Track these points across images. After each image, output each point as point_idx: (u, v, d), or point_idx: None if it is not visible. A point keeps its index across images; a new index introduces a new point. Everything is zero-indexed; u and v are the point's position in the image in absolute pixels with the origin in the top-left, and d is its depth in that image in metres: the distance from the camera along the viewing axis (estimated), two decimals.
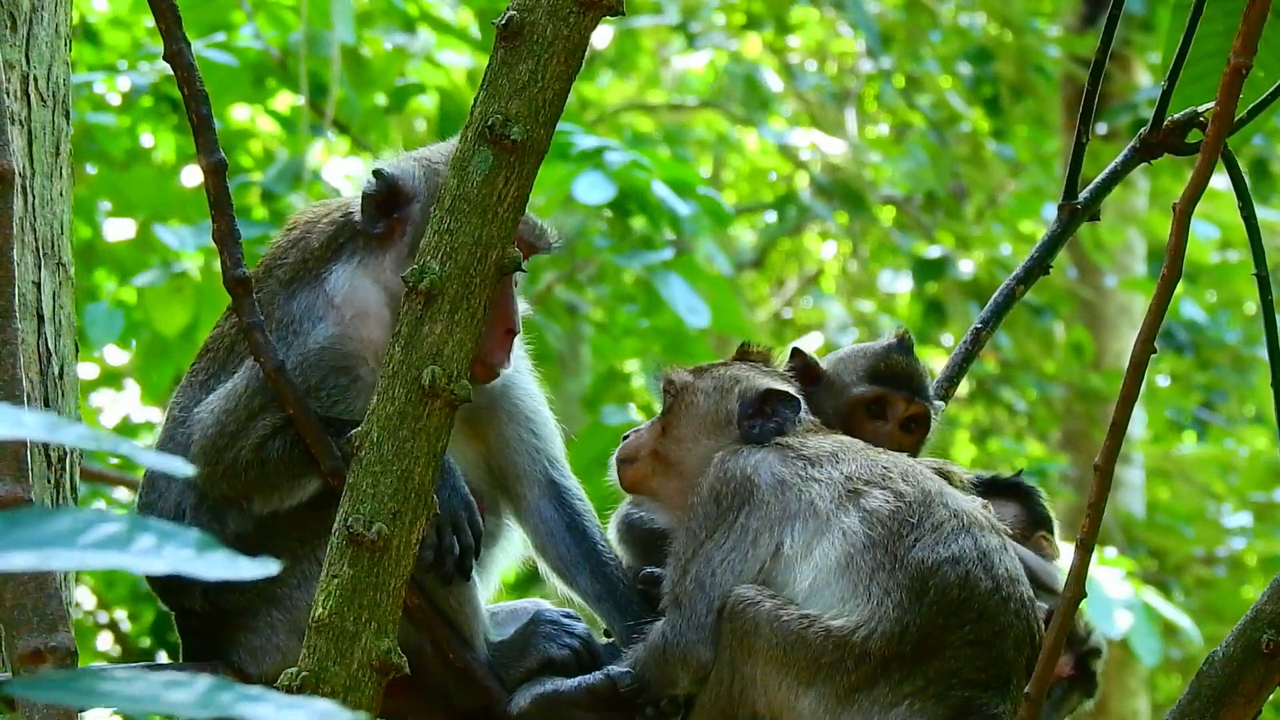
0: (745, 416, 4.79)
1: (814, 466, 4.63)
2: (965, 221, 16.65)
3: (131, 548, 2.43)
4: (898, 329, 5.17)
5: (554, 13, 4.31)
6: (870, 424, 5.01)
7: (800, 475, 4.62)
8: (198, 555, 2.43)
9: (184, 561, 2.41)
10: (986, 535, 4.56)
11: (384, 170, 4.82)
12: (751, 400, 4.81)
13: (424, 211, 4.71)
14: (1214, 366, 18.30)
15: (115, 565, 2.42)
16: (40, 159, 5.28)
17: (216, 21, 11.08)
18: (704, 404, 4.87)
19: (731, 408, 4.83)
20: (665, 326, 11.45)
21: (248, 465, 4.70)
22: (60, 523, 2.46)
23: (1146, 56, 16.62)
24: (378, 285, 4.78)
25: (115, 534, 2.44)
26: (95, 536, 2.44)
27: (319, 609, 4.32)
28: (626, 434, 4.98)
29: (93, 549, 2.43)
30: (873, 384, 5.02)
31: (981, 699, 4.46)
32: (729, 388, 4.87)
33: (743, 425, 4.78)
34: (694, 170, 11.96)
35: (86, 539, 2.44)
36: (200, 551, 2.43)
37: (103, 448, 2.52)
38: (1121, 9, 5.05)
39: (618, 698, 4.66)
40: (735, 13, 16.62)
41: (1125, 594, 11.64)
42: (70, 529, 2.45)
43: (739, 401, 4.82)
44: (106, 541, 2.43)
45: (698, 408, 4.87)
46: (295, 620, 4.68)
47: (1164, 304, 4.14)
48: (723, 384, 4.88)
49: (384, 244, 4.81)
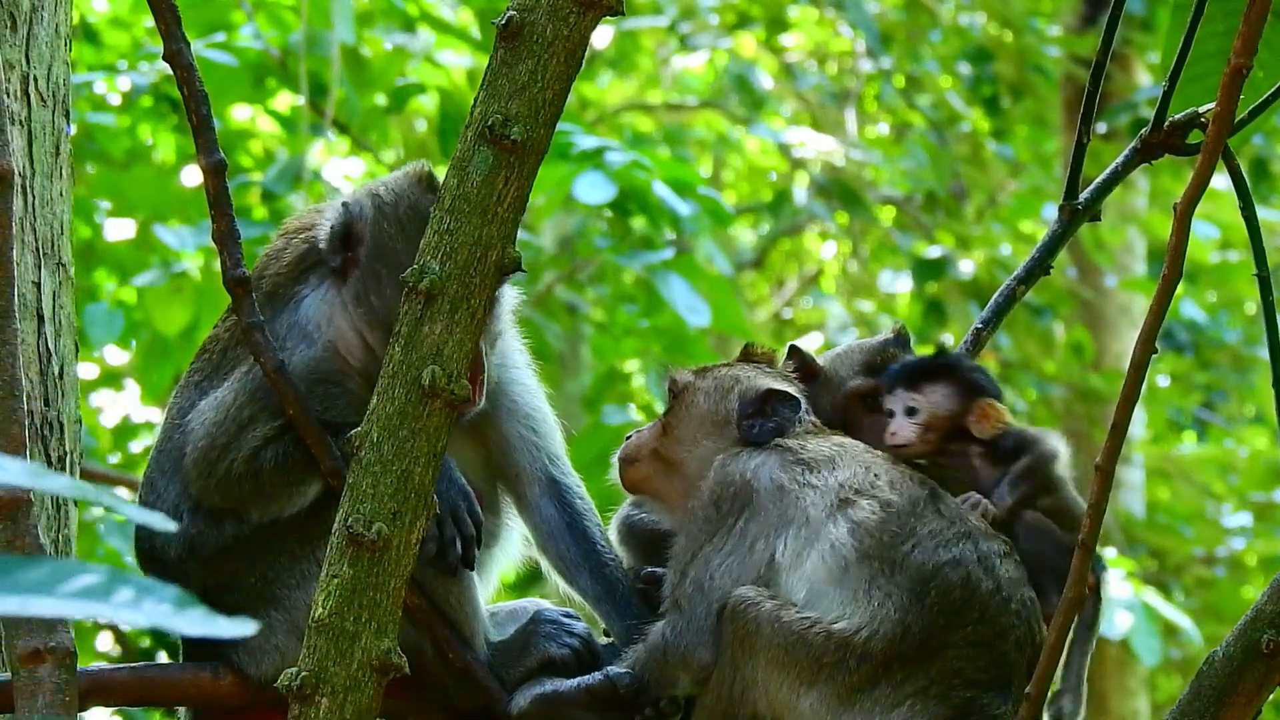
0: (744, 416, 4.79)
1: (812, 472, 4.63)
2: (965, 221, 16.64)
3: (111, 600, 2.45)
4: (895, 325, 5.18)
5: (554, 13, 4.31)
6: (868, 417, 5.01)
7: (798, 481, 4.62)
8: (176, 611, 2.46)
9: (162, 616, 2.44)
10: (987, 540, 4.56)
11: (349, 204, 4.81)
12: (751, 400, 4.80)
13: (369, 258, 4.73)
14: (1214, 366, 18.30)
15: (94, 616, 2.45)
16: (40, 159, 5.28)
17: (216, 21, 11.08)
18: (704, 404, 4.87)
19: (731, 407, 4.83)
20: (665, 326, 11.44)
21: (241, 477, 4.70)
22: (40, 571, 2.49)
23: (1146, 56, 16.61)
24: (346, 314, 4.78)
25: (94, 585, 2.47)
26: (75, 587, 2.46)
27: (319, 609, 4.32)
28: (629, 434, 4.98)
29: (72, 599, 2.45)
30: (869, 377, 5.04)
31: (983, 699, 4.46)
32: (729, 387, 4.87)
33: (741, 425, 4.78)
34: (694, 170, 11.95)
35: (66, 588, 2.46)
36: (178, 608, 2.46)
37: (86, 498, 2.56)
38: (1122, 9, 5.05)
39: (617, 698, 4.66)
40: (729, 12, 16.61)
41: (1125, 594, 11.64)
42: (49, 578, 2.47)
43: (738, 401, 4.82)
44: (86, 592, 2.46)
45: (698, 407, 4.87)
46: (294, 620, 4.68)
47: (1164, 304, 4.14)
48: (723, 384, 4.88)
49: (344, 275, 4.81)
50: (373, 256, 4.74)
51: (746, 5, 16.60)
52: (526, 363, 5.07)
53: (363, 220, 4.78)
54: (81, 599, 2.45)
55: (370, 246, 4.75)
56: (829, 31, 18.05)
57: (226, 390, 4.78)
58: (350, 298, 4.77)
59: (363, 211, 4.80)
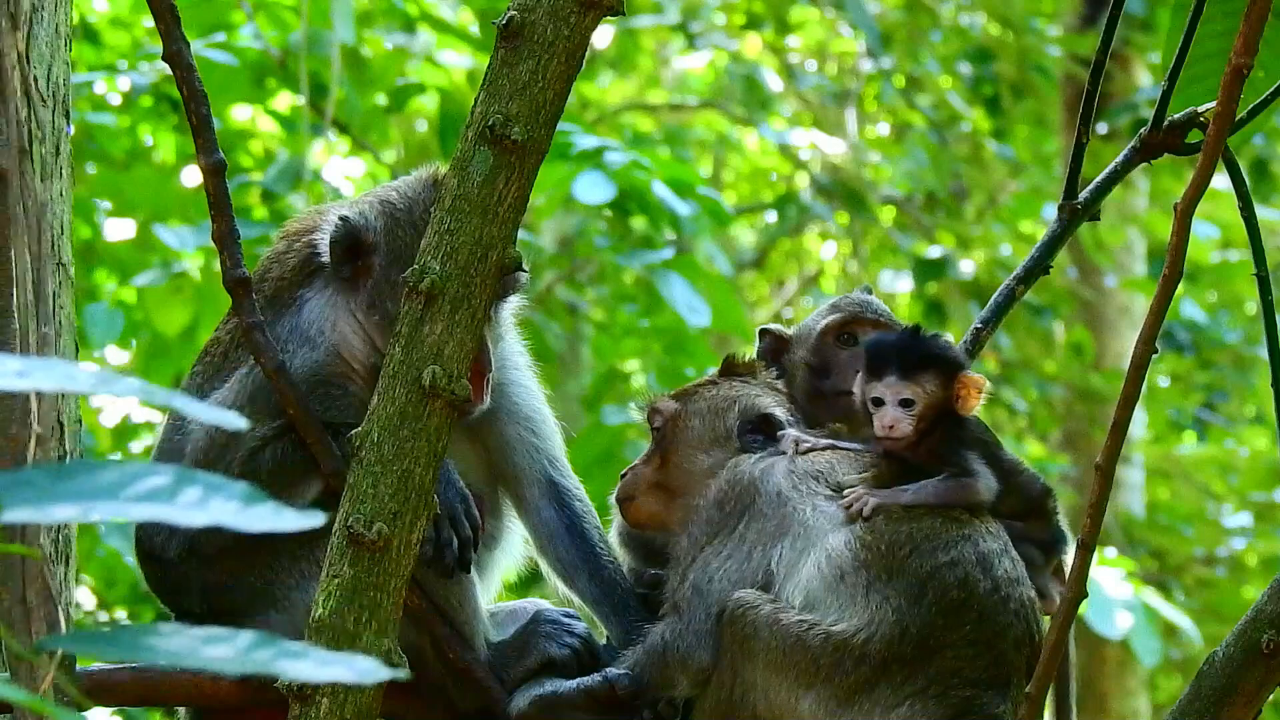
0: (745, 432, 4.82)
1: (815, 480, 4.64)
2: (965, 221, 16.64)
3: (177, 500, 2.42)
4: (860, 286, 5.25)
5: (554, 13, 4.31)
6: (843, 352, 5.01)
7: (798, 489, 4.63)
8: (243, 508, 2.42)
9: (229, 514, 2.40)
10: (986, 540, 4.56)
11: (349, 218, 4.79)
12: (751, 420, 4.83)
13: (385, 265, 4.73)
14: (1214, 366, 18.29)
15: (158, 517, 2.40)
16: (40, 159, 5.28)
17: (216, 21, 11.08)
18: (700, 425, 4.88)
19: (731, 425, 4.85)
20: (665, 326, 11.43)
21: (238, 478, 4.69)
22: (106, 476, 2.45)
23: (1146, 56, 16.61)
24: (352, 319, 4.78)
25: (161, 486, 2.43)
26: (140, 489, 2.43)
27: (319, 609, 4.32)
28: (624, 472, 4.97)
29: (137, 501, 2.42)
30: (836, 313, 5.06)
31: (982, 698, 4.46)
32: (725, 408, 4.88)
33: (743, 439, 4.80)
34: (694, 170, 11.95)
35: (131, 491, 2.43)
36: (246, 504, 2.42)
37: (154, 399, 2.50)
38: (1122, 9, 5.05)
39: (616, 700, 4.66)
40: (735, 13, 16.61)
41: (1125, 594, 11.63)
42: (115, 481, 2.43)
43: (738, 420, 4.84)
44: (151, 494, 2.42)
45: (694, 430, 4.88)
46: (294, 621, 4.68)
47: (1165, 304, 4.14)
48: (717, 404, 4.89)
49: (354, 283, 4.80)
50: (389, 264, 4.73)
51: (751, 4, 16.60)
52: (527, 364, 5.07)
53: (371, 230, 4.77)
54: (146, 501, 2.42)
55: (386, 253, 4.74)
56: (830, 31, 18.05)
57: (225, 393, 4.78)
58: (363, 305, 4.77)
59: (370, 221, 4.79)
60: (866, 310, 5.08)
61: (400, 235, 4.75)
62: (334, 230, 4.79)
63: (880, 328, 5.02)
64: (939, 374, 4.70)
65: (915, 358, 4.70)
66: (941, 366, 4.71)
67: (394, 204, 4.81)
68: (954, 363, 4.74)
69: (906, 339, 4.77)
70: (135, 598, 11.42)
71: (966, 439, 4.70)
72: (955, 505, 4.57)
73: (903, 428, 4.66)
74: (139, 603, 11.50)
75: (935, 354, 4.73)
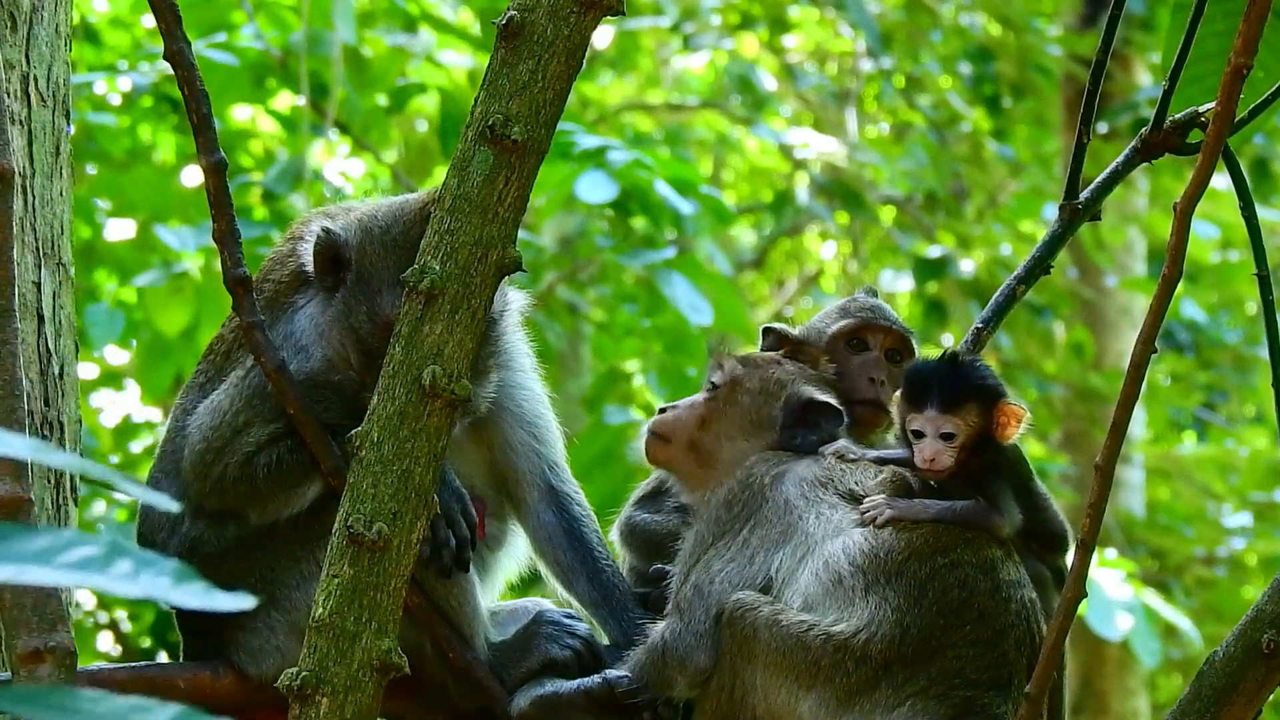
0: (788, 425, 4.81)
1: (823, 488, 4.64)
2: (966, 221, 16.64)
3: (109, 571, 2.43)
4: (863, 287, 5.25)
5: (554, 13, 4.31)
6: (855, 358, 5.01)
7: (806, 498, 4.63)
8: (174, 585, 2.43)
9: (160, 589, 2.41)
10: (988, 546, 4.55)
11: (330, 229, 4.79)
12: (794, 409, 4.82)
13: (353, 282, 4.72)
14: (1214, 366, 18.29)
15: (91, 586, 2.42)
16: (40, 159, 5.28)
17: (216, 21, 11.08)
18: (749, 404, 4.87)
19: (775, 413, 4.84)
20: (667, 326, 11.44)
21: (235, 481, 4.71)
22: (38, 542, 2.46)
23: (1147, 56, 16.61)
24: (341, 327, 4.77)
25: (93, 556, 2.44)
26: (72, 557, 2.44)
27: (319, 609, 4.32)
28: (666, 407, 4.96)
29: (70, 569, 2.43)
30: (848, 318, 5.05)
31: (983, 699, 4.45)
32: (775, 392, 4.87)
33: (784, 433, 4.80)
34: (695, 169, 11.95)
35: (64, 559, 2.44)
36: (177, 581, 2.43)
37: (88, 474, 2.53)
38: (1122, 9, 5.05)
39: (616, 701, 4.66)
40: (732, 13, 16.61)
41: (1125, 595, 11.63)
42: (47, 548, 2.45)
43: (783, 409, 4.83)
44: (84, 563, 2.43)
45: (742, 406, 4.87)
46: (295, 621, 4.68)
47: (1164, 304, 4.14)
48: (769, 386, 4.88)
49: (332, 294, 4.80)
50: (355, 280, 4.73)
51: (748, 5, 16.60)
52: (532, 366, 5.07)
53: (347, 246, 4.77)
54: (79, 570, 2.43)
55: (354, 270, 4.75)
56: (829, 31, 18.05)
57: (222, 394, 4.78)
58: (336, 316, 4.76)
59: (348, 235, 4.78)
60: (878, 316, 5.07)
61: (369, 253, 4.73)
62: (316, 241, 4.79)
63: (891, 335, 5.03)
64: (980, 405, 4.63)
65: (957, 391, 4.62)
66: (982, 398, 4.64)
67: (373, 222, 4.79)
68: (994, 392, 4.66)
69: (947, 369, 4.66)
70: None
71: (1003, 467, 4.66)
72: (975, 530, 4.57)
73: (944, 460, 4.60)
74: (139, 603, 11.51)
75: (976, 385, 4.64)
